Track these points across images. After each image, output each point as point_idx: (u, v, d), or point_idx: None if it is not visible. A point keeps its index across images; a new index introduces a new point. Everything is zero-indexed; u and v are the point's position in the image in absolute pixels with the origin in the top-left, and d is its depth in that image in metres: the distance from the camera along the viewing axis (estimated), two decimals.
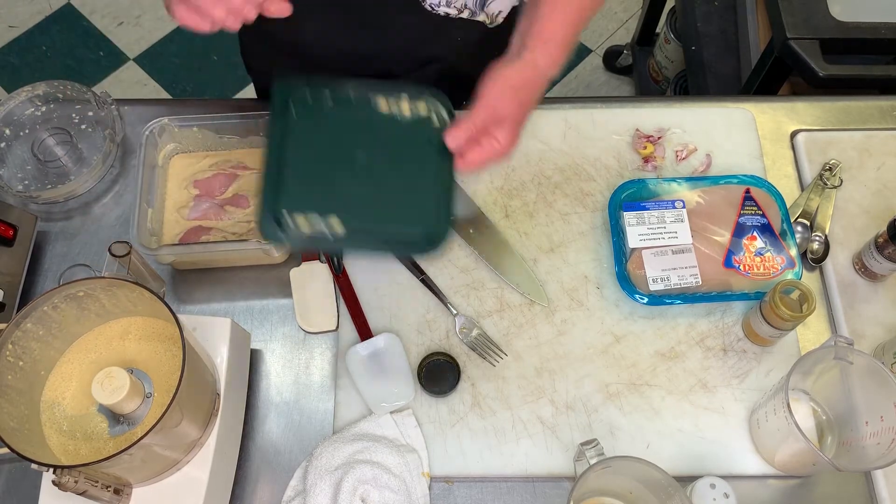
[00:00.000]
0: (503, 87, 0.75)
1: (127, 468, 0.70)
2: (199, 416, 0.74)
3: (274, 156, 0.74)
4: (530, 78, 0.76)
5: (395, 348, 0.89)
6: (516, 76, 0.76)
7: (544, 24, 0.77)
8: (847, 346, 0.78)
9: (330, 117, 0.76)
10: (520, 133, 0.77)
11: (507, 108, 0.75)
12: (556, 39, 0.77)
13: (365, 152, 0.75)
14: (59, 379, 0.75)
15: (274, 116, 0.75)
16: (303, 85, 0.76)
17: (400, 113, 0.76)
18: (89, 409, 0.74)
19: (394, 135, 0.76)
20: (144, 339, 0.77)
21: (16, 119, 1.02)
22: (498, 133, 0.74)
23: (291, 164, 0.74)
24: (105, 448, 0.71)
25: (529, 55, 0.76)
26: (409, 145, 0.75)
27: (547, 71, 0.77)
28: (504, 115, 0.75)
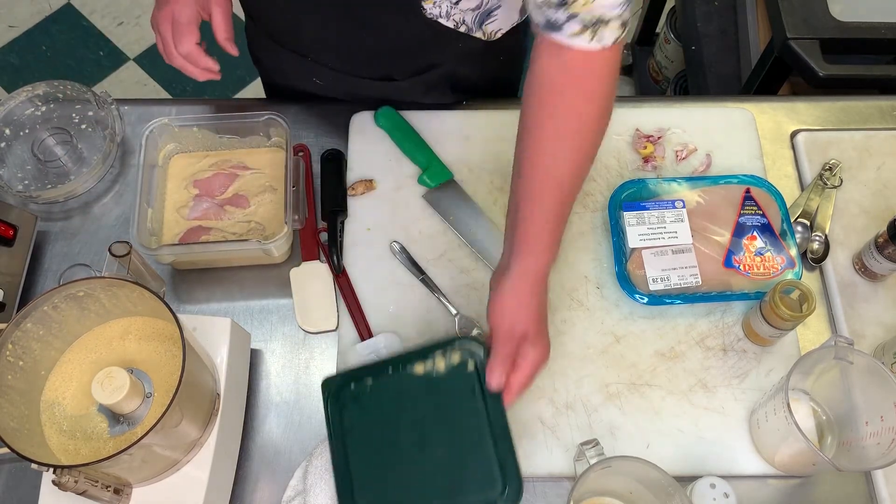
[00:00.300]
0: (508, 312, 0.75)
1: (127, 468, 0.70)
2: (199, 416, 0.74)
3: (339, 458, 0.77)
4: (528, 287, 0.76)
5: (395, 348, 0.89)
6: (515, 295, 0.75)
7: (527, 228, 0.76)
8: (847, 346, 0.78)
9: (375, 402, 0.78)
10: (546, 334, 0.77)
11: (522, 325, 0.74)
12: (542, 240, 0.76)
13: (416, 428, 0.77)
14: (60, 379, 0.75)
15: (328, 417, 0.79)
16: (345, 380, 0.79)
17: (436, 370, 0.77)
18: (89, 409, 0.74)
19: (437, 396, 0.77)
20: (144, 339, 0.77)
21: (16, 119, 1.02)
22: (527, 349, 0.74)
23: (353, 465, 0.76)
24: (105, 448, 0.71)
25: (519, 265, 0.76)
26: (454, 401, 0.77)
27: (541, 271, 0.76)
28: (523, 332, 0.74)
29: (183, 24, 0.89)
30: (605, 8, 0.69)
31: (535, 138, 0.75)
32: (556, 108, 0.74)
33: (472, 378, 0.76)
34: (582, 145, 0.76)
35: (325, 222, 0.97)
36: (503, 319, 0.75)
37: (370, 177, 1.00)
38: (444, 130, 1.03)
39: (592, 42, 0.71)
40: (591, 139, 0.76)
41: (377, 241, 0.96)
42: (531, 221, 0.76)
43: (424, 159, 1.00)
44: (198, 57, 0.90)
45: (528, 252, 0.76)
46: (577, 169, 0.76)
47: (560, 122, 0.74)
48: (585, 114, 0.75)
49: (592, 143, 0.77)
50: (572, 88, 0.74)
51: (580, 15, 0.69)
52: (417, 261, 0.95)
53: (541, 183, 0.75)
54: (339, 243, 0.95)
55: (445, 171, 0.99)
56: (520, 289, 0.75)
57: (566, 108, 0.74)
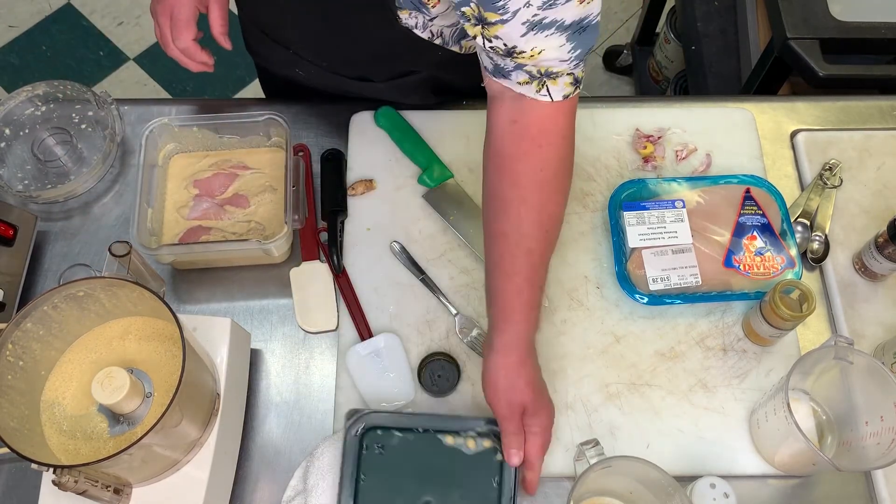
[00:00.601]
0: (501, 391, 0.76)
1: (127, 468, 0.70)
2: (199, 416, 0.74)
3: (347, 493, 0.79)
4: (514, 361, 0.76)
5: (395, 348, 0.89)
6: (504, 372, 0.76)
7: (503, 302, 0.77)
8: (847, 346, 0.78)
9: (398, 455, 0.80)
10: (546, 396, 0.78)
11: (519, 398, 0.75)
12: (519, 310, 0.76)
13: (429, 494, 0.79)
14: (60, 379, 0.75)
15: (346, 448, 0.80)
16: (375, 422, 0.81)
17: (465, 446, 0.81)
18: (89, 409, 0.74)
19: (458, 472, 0.80)
20: (144, 338, 0.77)
21: (16, 119, 1.02)
22: (531, 422, 0.76)
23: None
24: (105, 448, 0.71)
25: (500, 340, 0.76)
26: (472, 483, 0.80)
27: (523, 340, 0.77)
28: (521, 404, 0.76)
29: (182, 20, 0.90)
30: (551, 62, 0.69)
31: (498, 208, 0.76)
32: (517, 176, 0.74)
33: (497, 467, 0.79)
34: (546, 207, 0.76)
35: (325, 222, 0.97)
36: (498, 399, 0.76)
37: (370, 177, 1.00)
38: (444, 130, 1.03)
39: (541, 93, 0.71)
40: (555, 200, 0.77)
41: (377, 241, 0.96)
42: (505, 294, 0.76)
43: (424, 159, 1.00)
44: (194, 52, 0.92)
45: (506, 325, 0.76)
46: (545, 233, 0.76)
47: (522, 189, 0.75)
48: (546, 179, 0.75)
49: (557, 203, 0.77)
50: (531, 155, 0.74)
51: (526, 66, 0.69)
52: (417, 261, 0.95)
53: (510, 255, 0.75)
54: (339, 243, 0.95)
55: (445, 171, 0.99)
56: (506, 364, 0.76)
57: (527, 176, 0.75)
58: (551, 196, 0.76)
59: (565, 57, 0.69)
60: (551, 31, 0.67)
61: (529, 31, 0.67)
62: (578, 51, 0.69)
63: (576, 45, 0.69)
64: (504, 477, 0.79)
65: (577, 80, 0.72)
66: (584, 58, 0.71)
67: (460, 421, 0.82)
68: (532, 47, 0.68)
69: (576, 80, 0.72)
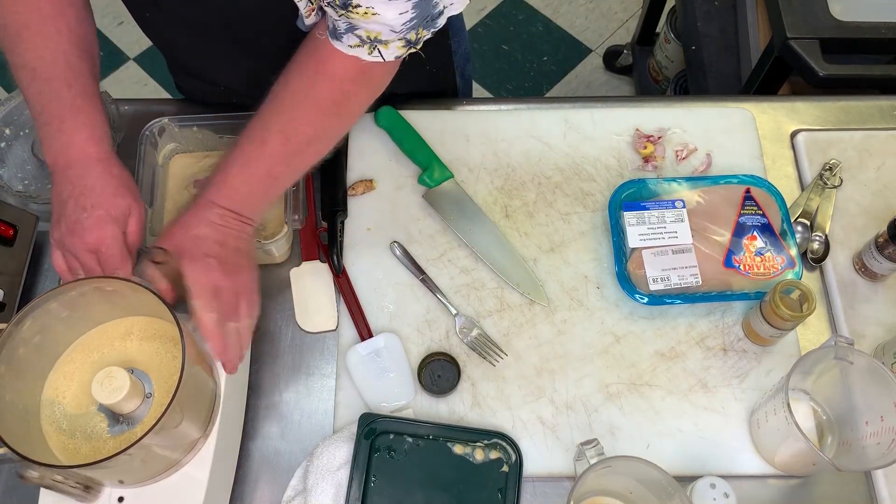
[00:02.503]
0: (182, 231, 0.74)
1: (126, 469, 0.70)
2: (199, 416, 0.74)
3: (356, 493, 0.80)
4: (196, 213, 0.74)
5: (395, 348, 0.89)
6: (190, 217, 0.74)
7: (226, 170, 0.76)
8: (847, 346, 0.78)
9: (407, 460, 0.82)
10: (236, 259, 0.75)
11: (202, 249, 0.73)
12: (232, 180, 0.75)
13: (434, 499, 0.81)
14: (61, 377, 0.75)
15: (357, 450, 0.82)
16: (386, 427, 0.83)
17: (473, 456, 0.82)
18: (89, 409, 0.74)
19: (464, 481, 0.82)
20: (146, 339, 0.77)
21: (16, 119, 1.02)
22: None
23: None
24: (105, 447, 0.71)
25: (203, 198, 0.75)
26: (477, 491, 0.81)
27: (217, 201, 0.75)
28: (190, 250, 0.73)
29: (115, 256, 0.75)
30: (380, 28, 0.68)
31: (285, 96, 0.75)
32: (318, 84, 0.74)
33: (502, 478, 0.81)
34: (329, 125, 0.77)
35: (325, 222, 0.97)
36: (174, 237, 0.74)
37: (370, 177, 1.00)
38: (444, 130, 1.03)
39: (373, 55, 0.71)
40: (334, 128, 0.79)
41: (377, 241, 0.96)
42: (230, 165, 0.75)
43: (424, 159, 1.00)
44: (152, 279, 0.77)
45: (215, 189, 0.75)
46: (309, 144, 0.77)
47: (320, 96, 0.75)
48: (332, 105, 0.76)
49: (333, 133, 0.79)
50: (353, 81, 0.74)
51: (357, 29, 0.68)
52: (417, 261, 0.95)
53: (275, 132, 0.75)
54: (339, 243, 0.95)
55: (445, 171, 0.99)
56: (195, 216, 0.75)
57: (331, 88, 0.74)
58: (334, 122, 0.78)
59: (398, 28, 0.68)
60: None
61: None
62: (415, 21, 0.68)
63: (415, 13, 0.67)
64: (508, 489, 0.81)
65: (410, 42, 0.71)
66: (418, 26, 0.69)
67: (470, 431, 0.83)
68: (368, 6, 0.65)
69: (408, 42, 0.70)
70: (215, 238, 0.74)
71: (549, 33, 2.30)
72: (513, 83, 2.21)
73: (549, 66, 2.25)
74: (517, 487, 0.81)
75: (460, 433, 0.83)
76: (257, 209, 0.78)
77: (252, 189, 0.76)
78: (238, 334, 0.76)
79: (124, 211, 0.77)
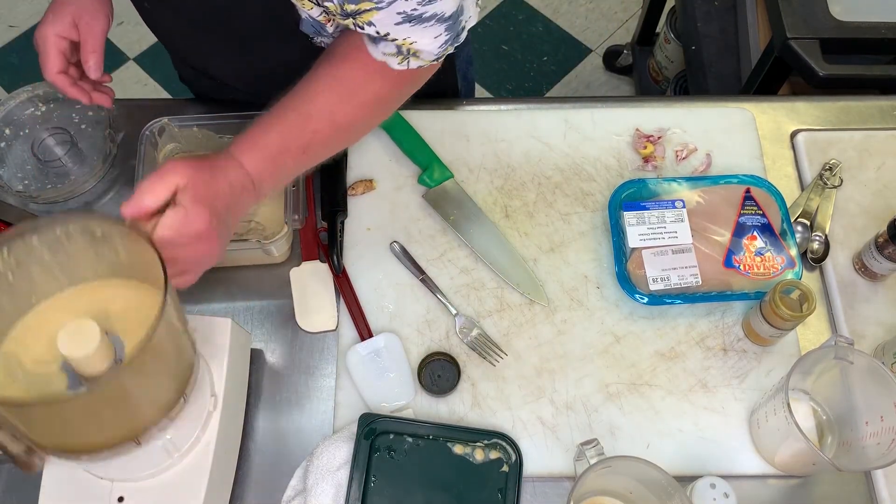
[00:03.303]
0: (205, 175, 0.67)
1: (73, 424, 0.63)
2: (168, 384, 0.68)
3: (356, 493, 0.80)
4: (233, 181, 0.69)
5: (395, 348, 0.89)
6: (215, 165, 0.69)
7: (262, 133, 0.72)
8: (847, 346, 0.78)
9: (407, 459, 0.82)
10: (214, 226, 0.67)
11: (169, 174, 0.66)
12: (266, 144, 0.71)
13: (434, 499, 0.81)
14: (27, 332, 0.68)
15: (357, 451, 0.82)
16: (386, 427, 0.83)
17: (473, 456, 0.82)
18: (51, 367, 0.66)
19: (464, 480, 0.82)
20: (132, 308, 0.69)
21: (16, 119, 1.02)
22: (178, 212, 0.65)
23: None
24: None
25: (230, 153, 0.71)
26: (477, 491, 0.81)
27: (248, 173, 0.70)
28: (204, 197, 0.66)
29: (43, 53, 0.84)
30: (420, 47, 0.69)
31: (331, 81, 0.74)
32: (371, 79, 0.74)
33: (502, 478, 0.81)
34: (371, 116, 0.77)
35: (325, 222, 0.97)
36: (192, 183, 0.66)
37: (370, 177, 1.00)
38: (444, 130, 1.03)
39: (401, 64, 0.72)
40: (376, 118, 0.79)
41: (377, 241, 0.96)
42: (261, 127, 0.72)
43: (424, 159, 1.00)
44: (62, 87, 0.85)
45: (247, 151, 0.71)
46: (351, 130, 0.76)
47: (369, 88, 0.74)
48: (378, 100, 0.76)
49: (373, 123, 0.79)
50: (383, 77, 0.74)
51: (398, 44, 0.69)
52: (417, 261, 0.95)
53: (304, 112, 0.73)
54: (339, 243, 0.95)
55: (445, 171, 0.99)
56: (211, 160, 0.69)
57: (382, 83, 0.74)
58: (367, 115, 0.77)
59: (435, 50, 0.70)
60: (430, 24, 0.66)
61: (406, 23, 0.66)
62: (448, 37, 0.70)
63: (448, 34, 0.69)
64: (508, 489, 0.81)
65: (439, 57, 0.73)
66: (447, 44, 0.71)
67: (470, 431, 0.83)
68: (406, 37, 0.67)
69: (438, 57, 0.72)
70: (227, 202, 0.70)
71: (549, 33, 2.30)
72: (513, 83, 2.21)
73: (549, 66, 2.24)
74: (517, 487, 0.81)
75: (460, 433, 0.83)
76: (276, 183, 0.75)
77: (283, 161, 0.73)
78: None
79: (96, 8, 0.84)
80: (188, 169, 0.66)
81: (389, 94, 0.77)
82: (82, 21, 0.85)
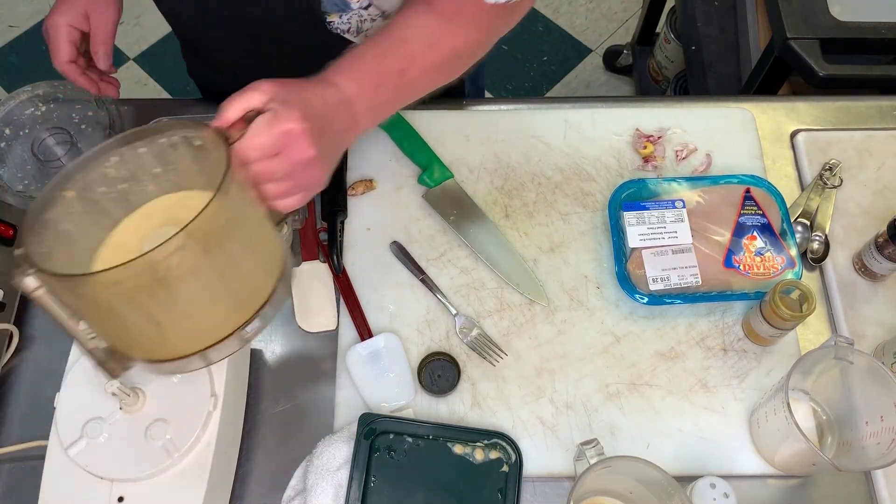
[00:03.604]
0: (292, 87, 0.65)
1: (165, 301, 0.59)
2: (253, 263, 0.65)
3: (356, 493, 0.80)
4: (328, 98, 0.67)
5: (395, 348, 0.89)
6: (305, 83, 0.66)
7: (358, 56, 0.70)
8: (847, 346, 0.78)
9: (406, 459, 0.82)
10: (314, 139, 0.64)
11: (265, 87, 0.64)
12: (362, 65, 0.69)
13: (434, 499, 0.81)
14: (113, 249, 0.66)
15: (357, 451, 0.81)
16: (386, 427, 0.83)
17: (473, 456, 0.82)
18: None
19: (464, 480, 0.81)
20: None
21: (16, 119, 1.02)
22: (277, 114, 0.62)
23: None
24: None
25: (324, 74, 0.68)
26: (477, 491, 0.81)
27: (343, 92, 0.68)
28: (289, 101, 0.64)
29: (52, 42, 0.85)
30: None
31: (416, 8, 0.73)
32: (448, 5, 0.72)
33: (502, 478, 0.81)
34: (477, 45, 0.76)
35: (325, 222, 0.97)
36: (274, 90, 0.63)
37: (370, 177, 1.00)
38: (444, 130, 1.03)
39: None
40: (481, 49, 0.77)
41: (377, 241, 0.96)
42: (362, 52, 0.70)
43: (424, 159, 1.00)
44: (73, 77, 0.87)
45: (344, 72, 0.69)
46: (456, 56, 0.75)
47: (450, 15, 0.73)
48: (472, 30, 0.74)
49: (479, 53, 0.77)
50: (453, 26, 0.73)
51: None
52: (417, 261, 0.95)
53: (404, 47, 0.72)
54: (339, 243, 0.95)
55: (445, 171, 0.99)
56: (310, 83, 0.67)
57: (457, 11, 0.73)
58: (466, 53, 0.76)
59: None
60: None
61: None
62: None
63: None
64: (508, 489, 0.81)
65: None
66: None
67: (470, 431, 0.83)
68: None
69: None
70: (320, 111, 0.66)
71: (549, 33, 2.30)
72: (513, 83, 2.21)
73: (549, 66, 2.25)
74: (517, 487, 0.81)
75: (460, 433, 0.83)
76: (373, 109, 0.72)
77: (379, 82, 0.71)
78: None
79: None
80: (272, 84, 0.64)
81: (482, 31, 0.74)
82: (94, 12, 0.85)
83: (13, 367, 0.90)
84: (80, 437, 0.74)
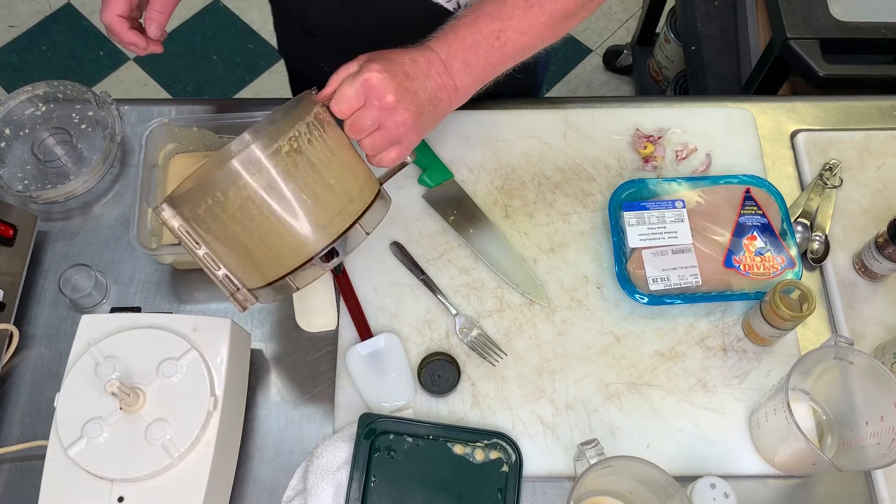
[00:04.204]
0: (381, 53, 0.71)
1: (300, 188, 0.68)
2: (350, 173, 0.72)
3: (356, 493, 0.80)
4: (416, 57, 0.71)
5: (395, 348, 0.89)
6: (397, 49, 0.71)
7: (453, 23, 0.74)
8: (847, 346, 0.78)
9: (407, 459, 0.82)
10: (405, 97, 0.70)
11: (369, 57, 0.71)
12: (456, 29, 0.73)
13: (434, 499, 0.81)
14: None
15: (357, 451, 0.82)
16: (386, 427, 0.83)
17: (473, 456, 0.82)
18: None
19: (465, 480, 0.82)
20: None
21: (16, 119, 1.02)
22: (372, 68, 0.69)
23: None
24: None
25: (419, 43, 0.73)
26: (477, 491, 0.81)
27: (434, 52, 0.72)
28: (379, 59, 0.70)
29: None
30: None
31: None
32: None
33: (502, 478, 0.81)
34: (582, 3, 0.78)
35: None
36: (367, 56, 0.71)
37: None
38: (444, 130, 1.03)
39: None
40: (588, 8, 0.79)
41: (377, 242, 0.96)
42: (460, 24, 0.74)
43: (424, 159, 1.00)
44: (117, 30, 0.83)
45: (441, 39, 0.74)
46: (534, 18, 0.76)
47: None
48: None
49: (585, 13, 0.79)
50: None
51: None
52: (417, 261, 0.95)
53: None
54: None
55: (445, 171, 0.99)
56: (408, 51, 0.72)
57: None
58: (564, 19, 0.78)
59: None
60: None
61: None
62: None
63: None
64: (508, 489, 0.81)
65: None
66: None
67: (470, 431, 0.83)
68: None
69: None
70: (407, 68, 0.70)
71: None
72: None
73: (550, 66, 2.24)
74: (517, 487, 0.81)
75: (460, 433, 0.83)
76: (469, 68, 0.74)
77: (474, 40, 0.73)
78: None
79: None
80: (367, 54, 0.72)
81: None
82: None
83: (13, 367, 0.90)
84: (80, 437, 0.74)
